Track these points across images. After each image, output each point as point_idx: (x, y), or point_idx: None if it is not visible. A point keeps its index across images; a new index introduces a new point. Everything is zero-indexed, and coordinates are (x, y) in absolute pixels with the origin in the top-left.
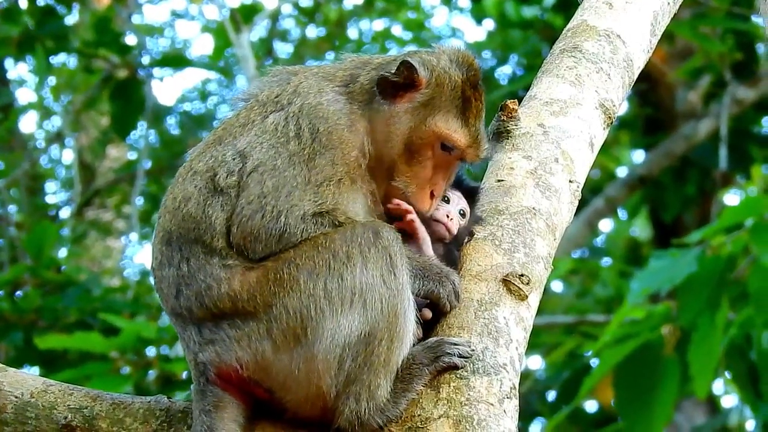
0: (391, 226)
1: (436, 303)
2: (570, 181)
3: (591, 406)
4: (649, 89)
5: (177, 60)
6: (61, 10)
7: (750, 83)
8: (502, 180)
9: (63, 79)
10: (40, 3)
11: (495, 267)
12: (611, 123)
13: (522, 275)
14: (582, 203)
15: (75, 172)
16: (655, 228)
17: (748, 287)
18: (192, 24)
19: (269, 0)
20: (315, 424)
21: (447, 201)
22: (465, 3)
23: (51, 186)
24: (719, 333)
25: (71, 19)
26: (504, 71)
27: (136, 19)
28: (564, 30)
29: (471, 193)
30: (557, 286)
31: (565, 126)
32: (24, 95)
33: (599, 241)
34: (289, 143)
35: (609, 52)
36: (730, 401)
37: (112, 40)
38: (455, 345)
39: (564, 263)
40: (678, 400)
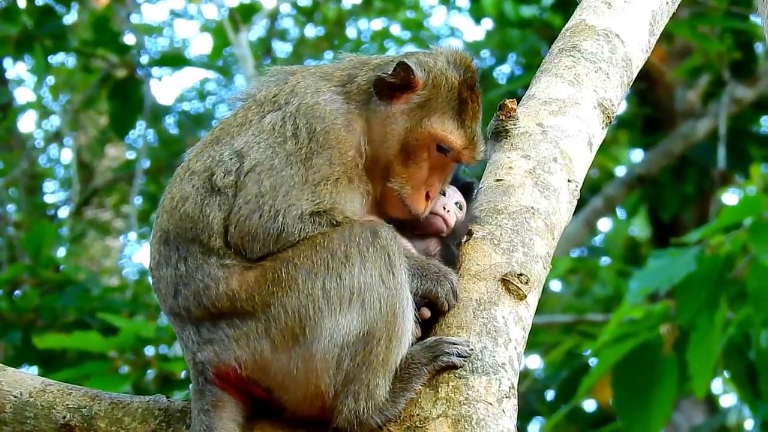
0: (390, 225)
1: (434, 302)
2: (569, 181)
3: (589, 405)
4: (648, 88)
5: (175, 59)
6: (60, 9)
7: (749, 82)
8: (500, 179)
9: (62, 79)
10: (38, 2)
11: (494, 266)
12: (610, 122)
13: (521, 274)
14: (581, 202)
15: (73, 171)
16: (654, 227)
17: (746, 286)
18: (191, 23)
19: None
20: (314, 423)
21: (443, 194)
22: (463, 2)
23: (50, 185)
24: (718, 332)
25: (70, 19)
26: (503, 70)
27: (134, 19)
28: (563, 29)
29: (466, 189)
30: (556, 285)
31: (564, 125)
32: (23, 95)
33: (598, 241)
34: (287, 143)
35: (608, 51)
36: (728, 400)
37: (110, 39)
38: (454, 344)
39: (563, 262)
40: (677, 399)
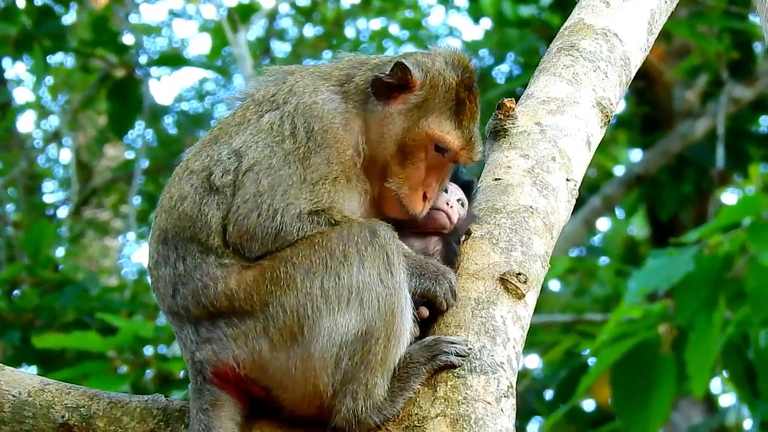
0: (388, 224)
1: (433, 302)
2: (567, 180)
3: (588, 404)
4: (647, 88)
5: (174, 59)
6: (59, 9)
7: (747, 82)
8: (499, 178)
9: (60, 79)
10: (37, 2)
11: (492, 266)
12: (608, 121)
13: (519, 274)
14: (579, 202)
15: (72, 171)
16: (653, 227)
17: (745, 286)
18: (189, 23)
19: None
20: (312, 422)
21: (445, 191)
22: (462, 2)
23: (48, 185)
24: (716, 332)
25: (69, 19)
26: (501, 70)
27: (133, 19)
28: (561, 28)
29: (466, 187)
30: (555, 284)
31: (563, 124)
32: (22, 95)
33: (597, 240)
34: (285, 142)
35: (606, 50)
36: (727, 400)
37: (109, 39)
38: (452, 344)
39: (561, 262)
40: (675, 398)
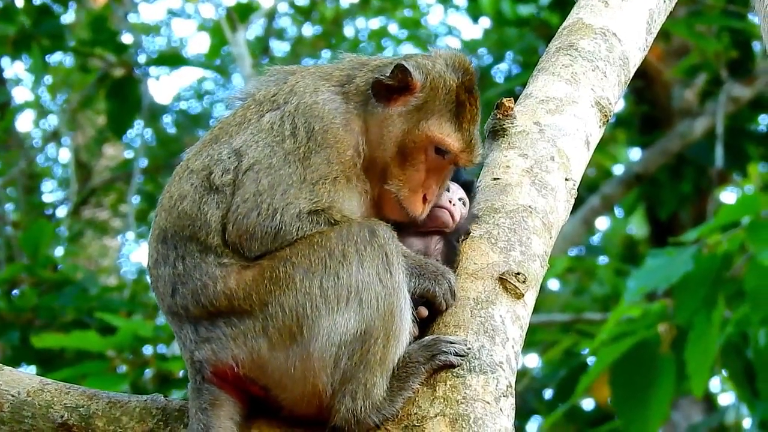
0: (387, 224)
1: (432, 301)
2: (566, 179)
3: (588, 404)
4: (645, 87)
5: (173, 59)
6: (58, 8)
7: (746, 81)
8: (498, 178)
9: (59, 78)
10: (36, 2)
11: (491, 265)
12: (607, 121)
13: (518, 273)
14: (578, 201)
15: (71, 170)
16: (652, 226)
17: (744, 285)
18: (188, 23)
19: None
20: (311, 422)
21: (447, 190)
22: (461, 1)
23: (47, 185)
24: (715, 331)
25: (67, 18)
26: (500, 69)
27: (132, 18)
28: (560, 28)
29: (466, 187)
30: (554, 284)
31: (561, 124)
32: (20, 94)
33: (596, 239)
34: (285, 142)
35: (605, 50)
36: (726, 399)
37: (108, 38)
38: (451, 343)
39: (560, 261)
40: (675, 398)
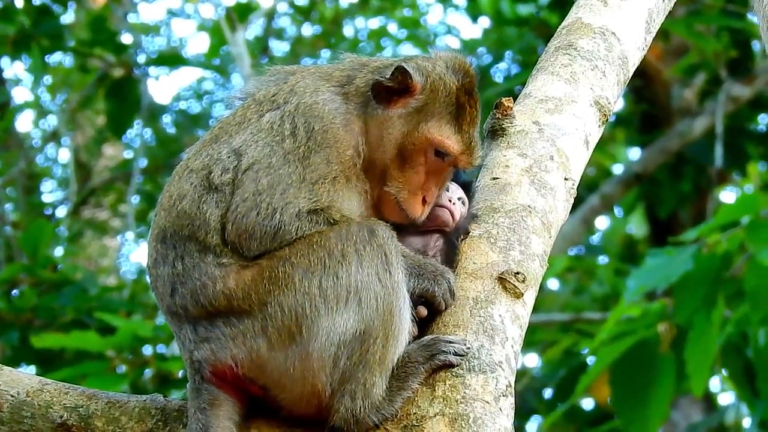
0: (387, 224)
1: (431, 301)
2: (565, 179)
3: (587, 403)
4: (645, 86)
5: (172, 59)
6: (57, 9)
7: (745, 81)
8: (497, 178)
9: (59, 78)
10: (35, 2)
11: (490, 265)
12: (606, 120)
13: (517, 273)
14: (578, 200)
15: (71, 170)
16: (651, 225)
17: (744, 285)
18: (188, 23)
19: None
20: (310, 422)
21: (447, 189)
22: (461, 1)
23: (47, 185)
24: (715, 331)
25: (67, 18)
26: (500, 68)
27: (131, 18)
28: (559, 27)
29: (465, 187)
30: (553, 283)
31: (561, 123)
32: (20, 94)
33: (595, 239)
34: (285, 141)
35: (604, 49)
36: (726, 398)
37: (107, 39)
38: (451, 343)
39: (560, 261)
40: (674, 397)
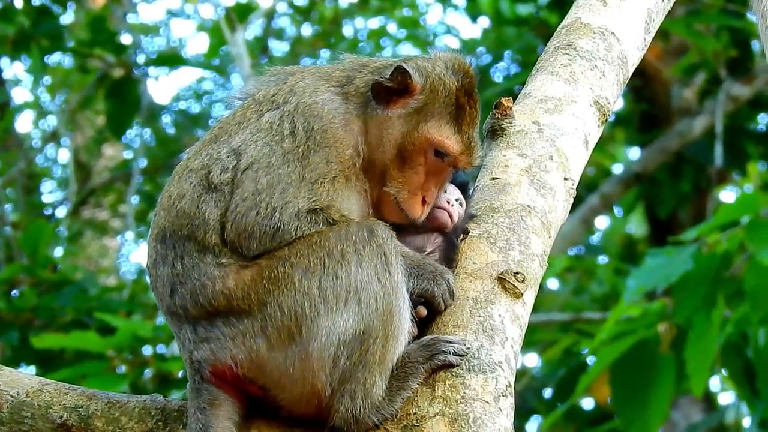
0: (386, 224)
1: (430, 302)
2: (565, 179)
3: (587, 403)
4: (644, 85)
5: (172, 59)
6: (57, 9)
7: (745, 80)
8: (496, 178)
9: (58, 79)
10: (35, 2)
11: (490, 265)
12: (606, 120)
13: (517, 273)
14: (577, 200)
15: (71, 171)
16: (651, 225)
17: (744, 285)
18: (187, 23)
19: None
20: (310, 422)
21: (444, 191)
22: (460, 0)
23: (47, 185)
24: (715, 330)
25: (66, 19)
26: (499, 68)
27: (131, 18)
28: (558, 27)
29: (462, 187)
30: (553, 283)
31: (560, 123)
32: (20, 95)
33: (595, 239)
34: (284, 141)
35: (603, 49)
36: (726, 398)
37: (107, 39)
38: (450, 343)
39: (560, 261)
40: (674, 397)
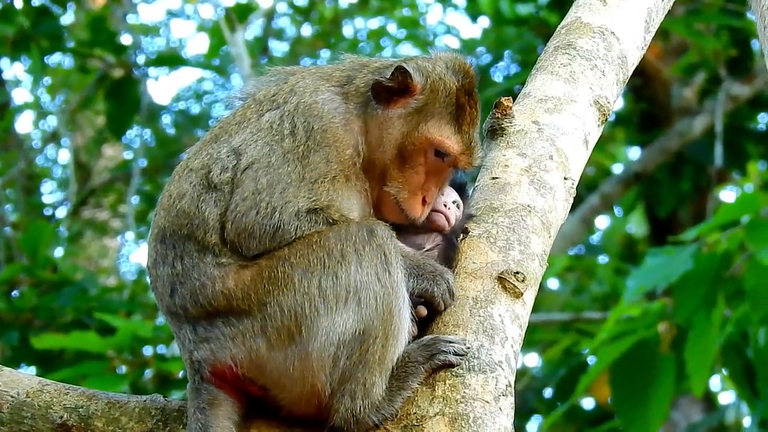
0: (386, 224)
1: (430, 302)
2: (565, 179)
3: (588, 403)
4: (644, 85)
5: (172, 59)
6: (57, 9)
7: (745, 80)
8: (496, 177)
9: (59, 79)
10: (35, 3)
11: (490, 264)
12: (606, 120)
13: (517, 273)
14: (577, 200)
15: (71, 171)
16: (651, 224)
17: (744, 284)
18: (187, 23)
19: None
20: (310, 422)
21: (441, 193)
22: (460, 0)
23: (47, 185)
24: (715, 330)
25: (66, 19)
26: (499, 67)
27: (131, 19)
28: (558, 27)
29: (460, 188)
30: (553, 283)
31: (560, 123)
32: (20, 95)
33: (595, 238)
34: (284, 141)
35: (603, 49)
36: (726, 398)
37: (107, 39)
38: (450, 343)
39: (560, 260)
40: (675, 397)
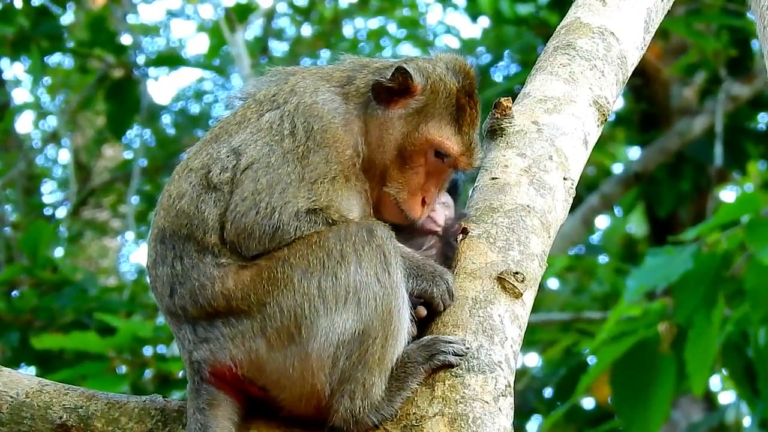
0: (386, 224)
1: (430, 302)
2: (564, 179)
3: (588, 403)
4: (644, 85)
5: (172, 59)
6: (56, 10)
7: (745, 80)
8: (496, 178)
9: (59, 79)
10: (35, 3)
11: (489, 265)
12: (605, 120)
13: (517, 273)
14: (577, 200)
15: (71, 171)
16: (651, 224)
17: (744, 284)
18: (187, 23)
19: None
20: (310, 422)
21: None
22: (460, 0)
23: (47, 186)
24: (716, 330)
25: (66, 19)
26: (499, 67)
27: (131, 19)
28: (558, 27)
29: (451, 186)
30: (553, 283)
31: (559, 123)
32: (20, 95)
33: (595, 238)
34: (284, 141)
35: (603, 49)
36: (727, 398)
37: (107, 39)
38: (450, 343)
39: (560, 260)
40: (675, 397)
